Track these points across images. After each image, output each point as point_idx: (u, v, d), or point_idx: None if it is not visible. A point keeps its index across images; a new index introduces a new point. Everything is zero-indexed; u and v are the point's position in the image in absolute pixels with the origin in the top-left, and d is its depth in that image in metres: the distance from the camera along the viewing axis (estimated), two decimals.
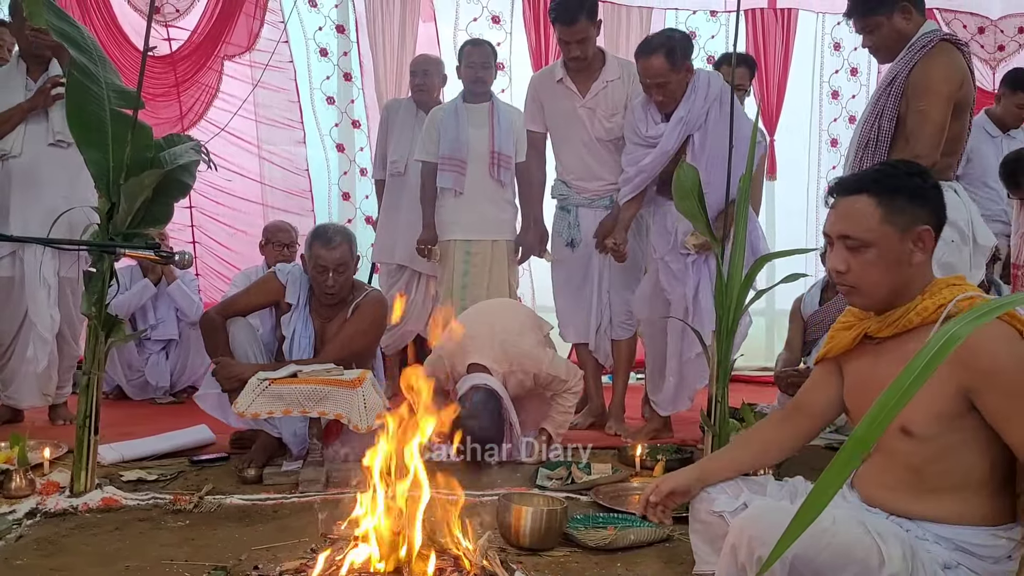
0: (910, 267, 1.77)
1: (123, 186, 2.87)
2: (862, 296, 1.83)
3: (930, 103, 2.91)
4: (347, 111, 5.88)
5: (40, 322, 3.91)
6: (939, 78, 2.92)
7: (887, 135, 3.03)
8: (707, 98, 3.65)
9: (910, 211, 1.76)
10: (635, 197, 3.82)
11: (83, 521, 2.72)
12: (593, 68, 4.00)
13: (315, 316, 3.53)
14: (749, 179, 3.41)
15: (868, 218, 1.76)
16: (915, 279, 1.79)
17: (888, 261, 1.76)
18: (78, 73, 2.88)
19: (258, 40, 5.66)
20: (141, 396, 4.85)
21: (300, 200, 5.75)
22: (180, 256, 2.84)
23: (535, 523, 2.47)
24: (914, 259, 1.77)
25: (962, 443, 1.69)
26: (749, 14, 6.04)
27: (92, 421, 2.90)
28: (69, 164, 3.87)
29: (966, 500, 1.71)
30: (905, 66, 3.01)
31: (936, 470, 1.71)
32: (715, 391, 3.10)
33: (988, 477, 1.71)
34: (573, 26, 3.84)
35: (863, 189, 1.79)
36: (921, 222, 1.76)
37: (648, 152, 3.72)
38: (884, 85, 3.12)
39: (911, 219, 1.76)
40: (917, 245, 1.77)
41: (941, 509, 1.72)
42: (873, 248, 1.76)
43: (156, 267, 4.73)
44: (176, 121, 5.47)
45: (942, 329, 0.88)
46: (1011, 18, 6.34)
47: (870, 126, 3.10)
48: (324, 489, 3.05)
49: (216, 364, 3.32)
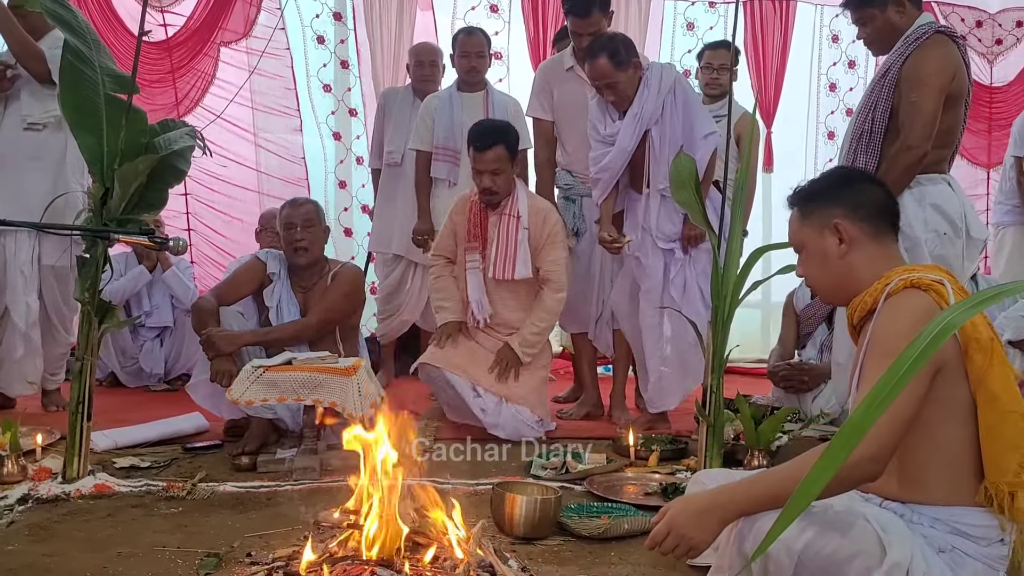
0: (842, 260, 1.89)
1: (117, 171, 2.86)
2: (819, 292, 2.05)
3: (922, 94, 2.94)
4: (344, 99, 5.85)
5: (15, 311, 3.90)
6: (931, 70, 2.95)
7: (880, 127, 3.05)
8: (660, 92, 3.64)
9: (819, 210, 1.91)
10: (611, 193, 3.82)
11: (75, 507, 2.72)
12: None
13: (297, 290, 3.62)
14: (747, 171, 3.42)
15: (793, 224, 1.98)
16: (856, 267, 1.89)
17: (819, 258, 1.92)
18: (72, 57, 2.86)
19: (255, 27, 5.62)
20: (135, 383, 4.84)
21: (296, 188, 5.71)
22: (174, 242, 2.83)
23: (529, 512, 2.47)
24: (842, 251, 1.88)
25: (941, 416, 1.70)
26: (747, 5, 6.01)
27: (85, 407, 2.89)
28: (46, 149, 3.85)
29: (956, 481, 1.73)
30: (899, 58, 3.03)
31: (923, 450, 1.73)
32: (710, 382, 3.10)
33: (976, 455, 1.72)
34: (587, 18, 3.84)
35: (792, 203, 1.99)
36: (833, 216, 1.89)
37: (608, 151, 3.73)
38: (878, 77, 3.14)
39: (822, 216, 1.91)
40: (838, 237, 1.88)
41: (933, 491, 1.74)
42: (804, 250, 1.96)
43: (151, 254, 4.72)
44: (172, 107, 5.44)
45: (938, 317, 0.88)
46: (1009, 12, 6.32)
47: (864, 118, 3.12)
48: (318, 477, 3.05)
49: (206, 335, 3.31)
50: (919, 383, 1.65)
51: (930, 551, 1.69)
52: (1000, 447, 1.68)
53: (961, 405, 1.71)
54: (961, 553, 1.71)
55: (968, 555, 1.71)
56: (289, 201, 3.76)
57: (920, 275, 1.77)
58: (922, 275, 1.77)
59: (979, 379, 1.69)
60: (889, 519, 1.72)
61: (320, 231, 3.63)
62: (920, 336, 0.86)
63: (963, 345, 1.70)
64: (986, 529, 1.71)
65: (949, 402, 1.70)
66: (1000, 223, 4.87)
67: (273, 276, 3.60)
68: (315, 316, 3.52)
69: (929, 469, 1.74)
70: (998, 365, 1.69)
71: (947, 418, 1.71)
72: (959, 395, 1.71)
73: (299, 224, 3.54)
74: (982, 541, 1.71)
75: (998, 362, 1.69)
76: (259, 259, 3.67)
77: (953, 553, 1.71)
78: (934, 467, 1.74)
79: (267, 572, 1.94)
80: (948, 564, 1.70)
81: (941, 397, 1.69)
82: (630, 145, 3.68)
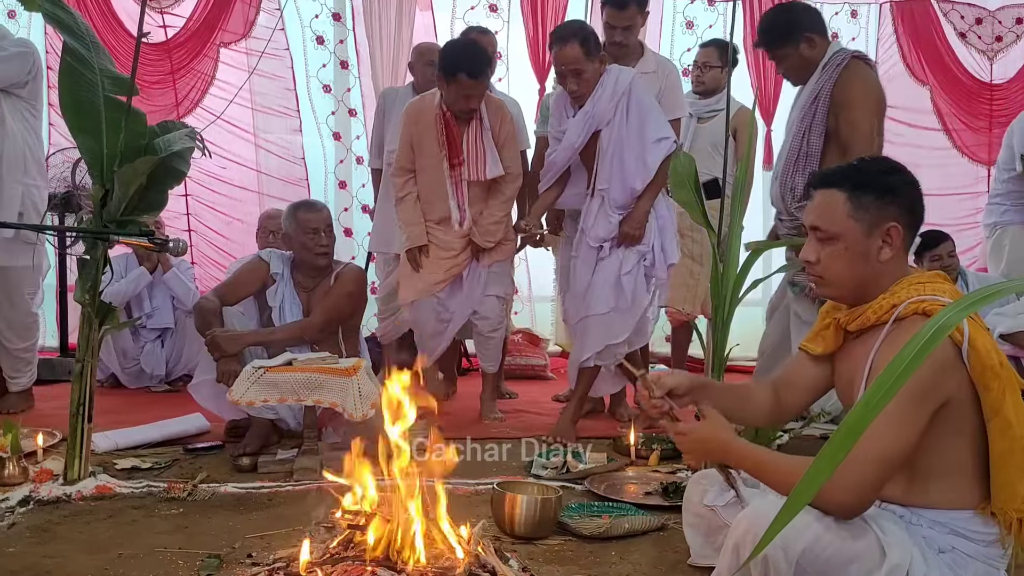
0: (878, 263, 1.80)
1: (117, 173, 2.86)
2: (829, 287, 1.87)
3: (859, 114, 3.23)
4: (343, 99, 5.84)
5: None
6: (862, 92, 3.26)
7: (817, 149, 3.29)
8: (614, 94, 3.62)
9: (877, 207, 1.78)
10: (552, 187, 3.85)
11: (76, 509, 2.72)
12: (631, 58, 3.99)
13: (300, 290, 3.63)
14: (747, 170, 3.43)
15: (836, 211, 1.80)
16: (884, 274, 1.81)
17: (854, 255, 1.80)
18: (71, 59, 2.86)
19: (254, 27, 5.62)
20: (136, 384, 4.84)
21: (296, 188, 5.72)
22: (174, 243, 2.83)
23: (530, 512, 2.47)
24: (882, 255, 1.80)
25: (946, 429, 1.69)
26: (746, 3, 5.99)
27: (86, 409, 2.90)
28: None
29: (956, 486, 1.73)
30: (827, 83, 3.27)
31: (926, 458, 1.71)
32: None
33: (976, 461, 1.72)
34: (624, 11, 3.85)
35: (835, 183, 1.83)
36: (889, 219, 1.79)
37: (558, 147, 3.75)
38: (808, 102, 3.34)
39: (878, 215, 1.78)
40: (885, 241, 1.79)
41: (933, 496, 1.73)
42: (840, 241, 1.81)
43: (152, 255, 4.71)
44: (171, 108, 5.45)
45: (934, 318, 0.88)
46: (1009, 9, 6.31)
47: (800, 141, 3.33)
48: (319, 477, 3.05)
49: (210, 336, 3.31)
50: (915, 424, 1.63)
51: (931, 552, 1.69)
52: (1011, 474, 1.67)
53: (970, 424, 1.69)
54: (962, 554, 1.70)
55: (969, 555, 1.70)
56: (304, 204, 3.79)
57: (929, 300, 1.72)
58: (931, 300, 1.73)
59: (995, 408, 1.67)
60: (888, 521, 1.71)
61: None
62: (916, 337, 0.86)
63: (977, 374, 1.67)
64: (985, 531, 1.72)
65: (960, 422, 1.69)
66: (997, 223, 4.87)
67: (276, 276, 3.61)
68: (318, 316, 3.53)
69: (932, 478, 1.73)
70: (1011, 392, 1.68)
71: (955, 433, 1.70)
72: (968, 419, 1.69)
73: (323, 229, 3.57)
74: (982, 542, 1.71)
75: (1011, 389, 1.68)
76: (262, 259, 3.67)
77: (954, 554, 1.70)
78: (938, 475, 1.73)
79: (268, 573, 1.95)
80: (949, 565, 1.70)
81: (951, 418, 1.67)
82: (577, 142, 3.68)
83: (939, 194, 6.26)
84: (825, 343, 1.97)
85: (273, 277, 3.61)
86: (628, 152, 3.60)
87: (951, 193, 6.30)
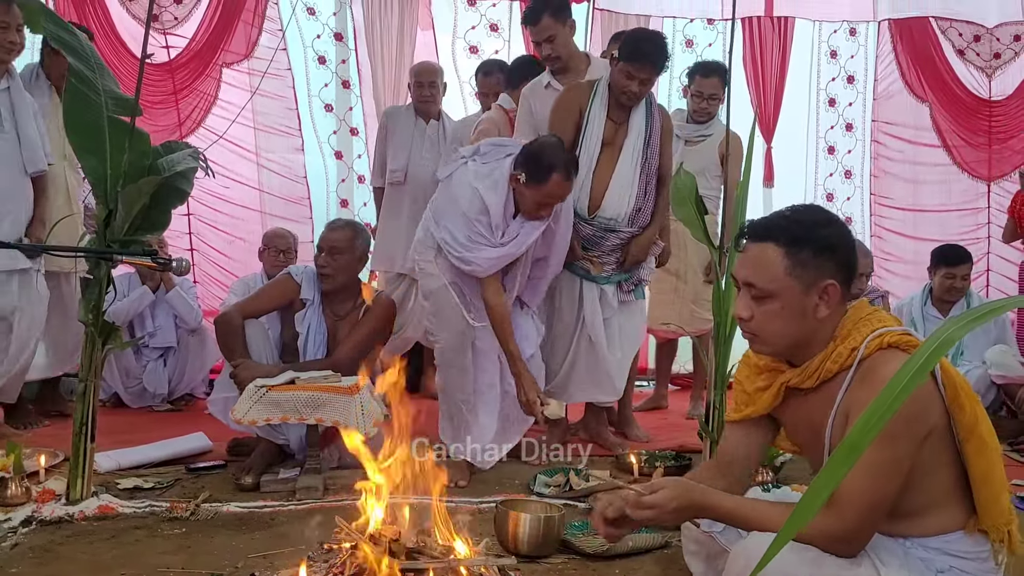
0: (815, 320, 1.73)
1: (120, 193, 2.87)
2: (763, 344, 1.80)
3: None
4: (345, 118, 5.88)
5: None
6: (669, 127, 3.82)
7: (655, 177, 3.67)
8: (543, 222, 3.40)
9: (815, 265, 1.71)
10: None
11: (79, 529, 2.72)
12: (578, 70, 3.99)
13: (328, 315, 3.55)
14: (747, 186, 3.43)
15: (773, 269, 1.72)
16: (820, 330, 1.76)
17: (791, 313, 1.73)
18: (76, 80, 2.88)
19: (256, 48, 5.65)
20: (138, 404, 4.83)
21: (298, 207, 5.75)
22: (177, 263, 2.84)
23: (533, 530, 2.47)
24: (819, 312, 1.73)
25: (930, 462, 1.68)
26: (746, 22, 6.05)
27: (88, 428, 2.90)
28: None
29: (946, 513, 1.73)
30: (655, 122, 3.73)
31: (912, 495, 1.71)
32: (713, 398, 3.11)
33: (958, 484, 1.72)
34: (537, 24, 3.87)
35: (771, 237, 1.74)
36: (827, 276, 1.71)
37: (489, 254, 3.40)
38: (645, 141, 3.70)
39: (816, 273, 1.71)
40: (822, 299, 1.72)
41: (924, 526, 1.74)
42: (776, 300, 1.73)
43: (155, 274, 4.71)
44: (174, 128, 5.47)
45: (935, 333, 0.89)
46: (1006, 26, 6.35)
47: (650, 170, 3.68)
48: (322, 497, 3.04)
49: (236, 367, 3.28)
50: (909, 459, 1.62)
51: (929, 574, 1.69)
52: (994, 490, 1.68)
53: (949, 452, 1.69)
54: (959, 571, 1.70)
55: (967, 573, 1.71)
56: (330, 222, 3.78)
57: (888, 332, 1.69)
58: (888, 332, 1.69)
59: (970, 428, 1.66)
60: (885, 546, 1.71)
61: (349, 259, 3.52)
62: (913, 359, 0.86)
63: (951, 396, 1.66)
64: (979, 551, 1.72)
65: (940, 452, 1.68)
66: None
67: (307, 302, 3.50)
68: (345, 354, 3.40)
69: (919, 513, 1.73)
70: (980, 409, 1.69)
71: (937, 464, 1.69)
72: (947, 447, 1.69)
73: (325, 249, 3.49)
74: (977, 560, 1.72)
75: (979, 406, 1.69)
76: (292, 277, 3.56)
77: (951, 572, 1.71)
78: (923, 509, 1.73)
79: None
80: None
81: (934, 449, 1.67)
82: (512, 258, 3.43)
83: (939, 210, 6.29)
84: (757, 406, 1.92)
85: (303, 302, 3.51)
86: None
87: (952, 209, 6.33)
